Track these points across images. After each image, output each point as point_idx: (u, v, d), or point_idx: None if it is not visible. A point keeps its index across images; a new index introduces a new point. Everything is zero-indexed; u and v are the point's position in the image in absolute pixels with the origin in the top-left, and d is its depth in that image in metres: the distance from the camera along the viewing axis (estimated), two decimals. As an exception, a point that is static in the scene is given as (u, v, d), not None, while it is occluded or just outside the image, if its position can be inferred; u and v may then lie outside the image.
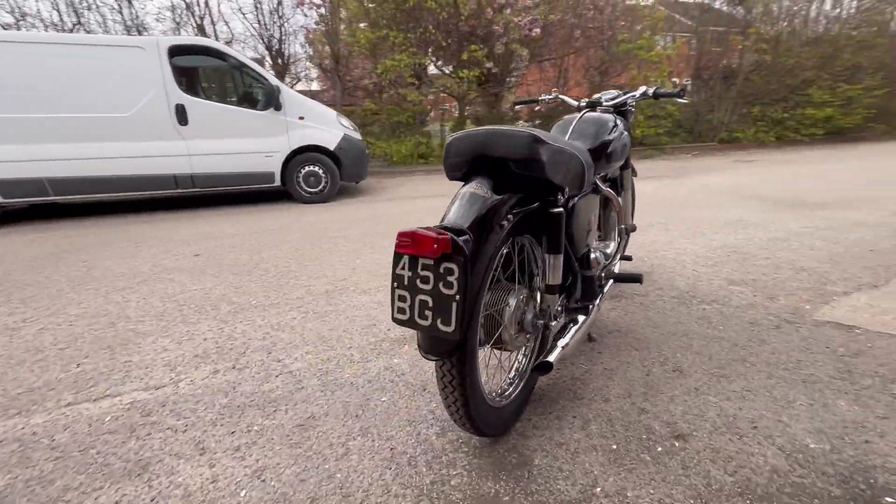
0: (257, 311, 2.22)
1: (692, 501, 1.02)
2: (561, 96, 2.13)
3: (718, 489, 1.05)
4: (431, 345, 0.96)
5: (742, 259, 2.73)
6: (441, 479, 1.11)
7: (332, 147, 5.02)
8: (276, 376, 1.63)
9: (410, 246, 0.88)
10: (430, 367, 1.64)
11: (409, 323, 0.94)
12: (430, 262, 0.89)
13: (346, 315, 2.14)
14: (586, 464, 1.14)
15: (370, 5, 8.01)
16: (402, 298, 0.95)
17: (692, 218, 3.83)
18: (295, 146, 4.87)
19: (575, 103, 2.05)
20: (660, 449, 1.18)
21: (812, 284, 2.30)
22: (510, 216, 1.04)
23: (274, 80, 4.69)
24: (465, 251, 0.87)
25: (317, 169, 5.01)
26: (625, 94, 1.92)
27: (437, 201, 5.10)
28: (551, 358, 1.17)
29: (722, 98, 10.64)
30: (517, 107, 2.39)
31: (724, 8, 11.24)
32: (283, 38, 8.79)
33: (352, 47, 7.63)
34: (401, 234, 0.90)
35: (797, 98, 10.48)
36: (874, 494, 1.01)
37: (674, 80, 10.38)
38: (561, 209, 1.17)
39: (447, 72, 8.75)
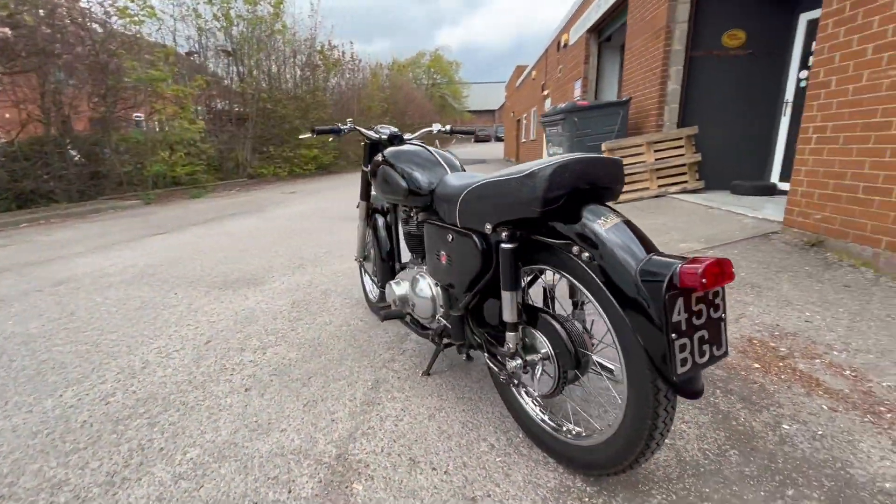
0: None
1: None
2: (357, 127, 1.92)
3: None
4: (697, 380, 0.88)
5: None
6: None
7: None
8: None
9: (715, 279, 0.78)
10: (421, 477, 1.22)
11: (692, 370, 0.83)
12: (708, 292, 0.83)
13: (165, 535, 1.06)
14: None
15: None
16: (683, 348, 0.81)
17: (324, 242, 4.23)
18: None
19: (375, 136, 1.93)
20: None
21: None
22: None
23: None
24: None
25: None
26: (421, 130, 2.02)
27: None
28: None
29: (240, 139, 11.44)
30: (314, 135, 1.84)
31: (218, 67, 11.88)
32: None
33: None
34: (706, 272, 0.76)
35: (295, 141, 12.89)
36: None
37: (198, 108, 10.08)
38: None
39: None
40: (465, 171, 1.62)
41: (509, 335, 1.18)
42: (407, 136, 1.97)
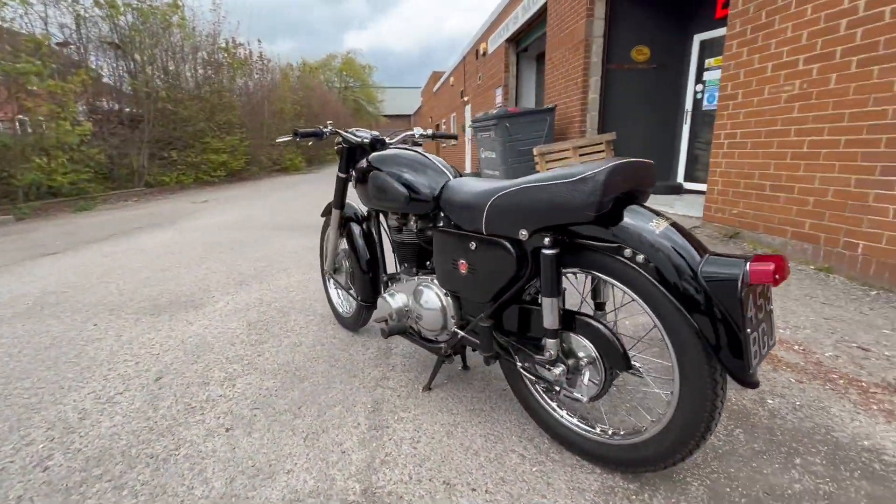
0: None
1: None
2: (338, 130, 1.76)
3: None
4: (756, 371, 0.91)
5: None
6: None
7: None
8: None
9: (783, 274, 0.83)
10: None
11: (759, 362, 0.87)
12: (764, 286, 0.87)
13: None
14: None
15: None
16: (755, 341, 0.85)
17: (261, 255, 3.92)
18: None
19: (357, 140, 1.79)
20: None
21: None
22: None
23: None
24: None
25: None
26: (400, 132, 1.92)
27: None
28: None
29: (134, 142, 10.12)
30: (298, 138, 1.61)
31: (102, 62, 10.33)
32: None
33: None
34: (768, 273, 0.80)
35: (202, 145, 11.75)
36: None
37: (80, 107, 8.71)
38: None
39: None
40: (462, 176, 1.58)
41: (549, 342, 1.16)
42: (390, 140, 1.87)
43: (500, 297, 1.26)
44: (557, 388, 1.20)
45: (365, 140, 1.80)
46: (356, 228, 2.03)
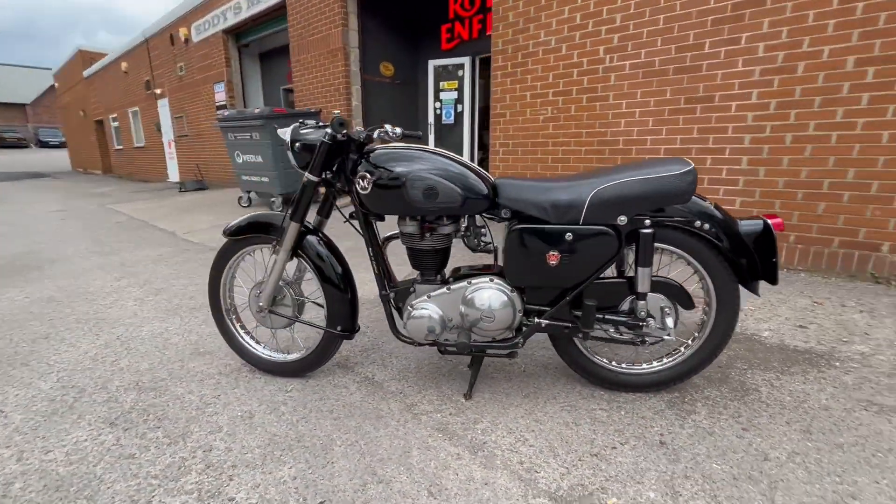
0: None
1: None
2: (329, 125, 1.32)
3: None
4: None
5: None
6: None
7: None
8: None
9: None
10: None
11: None
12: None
13: None
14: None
15: None
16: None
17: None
18: None
19: (356, 135, 1.43)
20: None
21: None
22: None
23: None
24: None
25: None
26: (375, 128, 1.60)
27: None
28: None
29: None
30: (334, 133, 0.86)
31: None
32: None
33: None
34: (782, 224, 1.34)
35: None
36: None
37: None
38: None
39: None
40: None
41: (641, 303, 1.44)
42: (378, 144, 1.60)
43: (594, 277, 1.44)
44: (646, 339, 1.49)
45: (361, 137, 1.49)
46: (314, 239, 1.65)
